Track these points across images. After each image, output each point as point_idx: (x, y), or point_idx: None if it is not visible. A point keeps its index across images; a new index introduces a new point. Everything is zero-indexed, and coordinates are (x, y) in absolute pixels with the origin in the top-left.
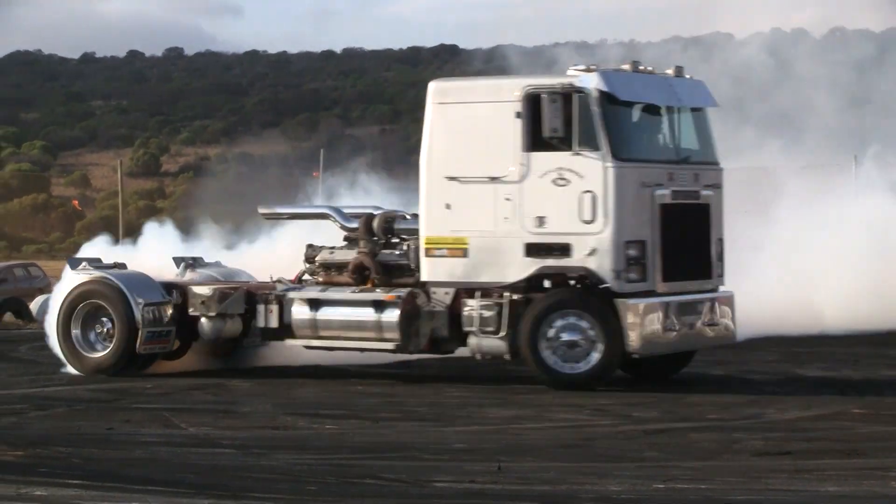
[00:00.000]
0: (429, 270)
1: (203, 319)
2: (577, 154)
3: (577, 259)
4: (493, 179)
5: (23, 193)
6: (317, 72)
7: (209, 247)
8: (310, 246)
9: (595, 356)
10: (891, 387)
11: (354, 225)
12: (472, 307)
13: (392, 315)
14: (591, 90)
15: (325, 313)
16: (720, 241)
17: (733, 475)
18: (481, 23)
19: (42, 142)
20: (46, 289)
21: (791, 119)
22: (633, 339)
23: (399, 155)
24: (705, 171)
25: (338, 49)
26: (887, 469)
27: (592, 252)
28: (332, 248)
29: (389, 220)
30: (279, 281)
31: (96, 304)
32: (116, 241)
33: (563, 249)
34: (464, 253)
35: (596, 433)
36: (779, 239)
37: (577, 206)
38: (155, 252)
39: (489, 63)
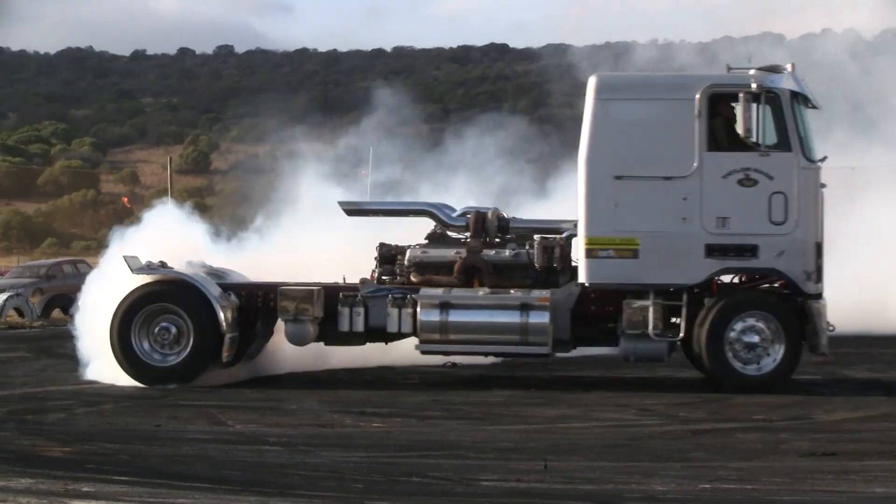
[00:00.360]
0: (590, 272)
1: (289, 323)
2: (766, 154)
3: (765, 260)
4: (669, 179)
5: (72, 190)
6: (367, 70)
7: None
8: (383, 244)
9: (774, 357)
10: None
11: (461, 223)
12: (637, 309)
13: (542, 318)
14: (784, 90)
15: (459, 316)
16: None
17: (779, 476)
18: (528, 22)
19: (92, 138)
20: None
21: (871, 118)
22: (824, 340)
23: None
24: None
25: (388, 47)
26: None
27: (782, 253)
28: (418, 246)
29: (504, 218)
30: (363, 282)
31: (161, 307)
32: None
33: (749, 250)
34: (634, 254)
35: (642, 433)
36: (852, 238)
37: (767, 206)
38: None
39: (553, 60)
